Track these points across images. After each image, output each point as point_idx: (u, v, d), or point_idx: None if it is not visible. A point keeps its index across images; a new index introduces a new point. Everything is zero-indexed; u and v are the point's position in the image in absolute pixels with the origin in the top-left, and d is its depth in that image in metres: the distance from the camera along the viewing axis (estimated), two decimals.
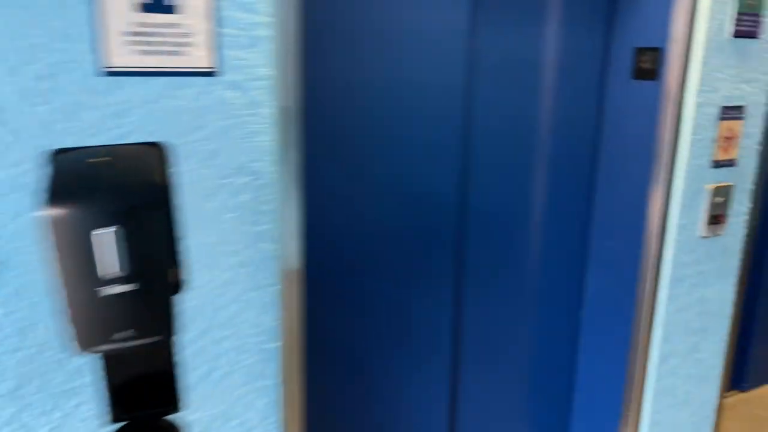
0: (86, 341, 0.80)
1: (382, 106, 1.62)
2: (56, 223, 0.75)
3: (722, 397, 2.73)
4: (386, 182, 1.69)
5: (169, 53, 1.10)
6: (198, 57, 1.13)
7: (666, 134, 1.83)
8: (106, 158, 0.86)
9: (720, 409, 2.28)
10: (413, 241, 1.77)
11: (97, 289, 0.78)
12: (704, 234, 1.96)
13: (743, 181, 2.02)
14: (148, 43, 1.08)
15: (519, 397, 2.18)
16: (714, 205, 1.95)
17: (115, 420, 0.97)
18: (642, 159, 1.91)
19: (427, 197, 1.76)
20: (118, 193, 0.78)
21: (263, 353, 1.32)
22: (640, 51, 1.87)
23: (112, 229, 0.77)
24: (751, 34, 1.86)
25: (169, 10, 1.09)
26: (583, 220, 2.11)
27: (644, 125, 1.89)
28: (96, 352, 0.80)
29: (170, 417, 1.07)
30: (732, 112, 1.90)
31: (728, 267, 2.09)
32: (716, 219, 1.97)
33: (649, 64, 1.86)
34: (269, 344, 1.33)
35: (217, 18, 1.13)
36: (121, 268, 0.79)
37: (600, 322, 2.13)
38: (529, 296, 2.09)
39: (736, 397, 2.79)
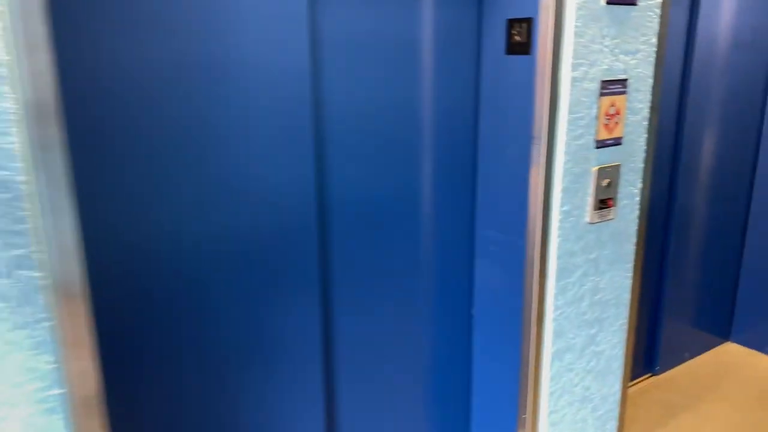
0: None
1: (195, 92, 1.38)
2: None
3: (630, 385, 2.64)
4: (217, 182, 1.46)
5: None
6: None
7: (542, 113, 1.66)
8: None
9: (624, 401, 2.16)
10: (260, 247, 1.55)
11: None
12: (592, 219, 1.82)
13: (632, 161, 1.88)
14: None
15: (413, 406, 2.00)
16: (600, 188, 1.81)
17: None
18: (520, 141, 1.74)
19: (270, 196, 1.54)
20: None
21: (43, 403, 1.08)
22: (512, 22, 1.70)
23: None
24: (629, 1, 1.71)
25: None
26: (466, 209, 1.93)
27: (520, 105, 1.72)
28: None
29: None
30: (613, 87, 1.75)
31: (622, 252, 1.96)
32: (604, 203, 1.83)
33: (521, 37, 1.68)
34: (50, 391, 1.09)
35: None
36: None
37: (491, 319, 1.97)
38: (413, 295, 1.91)
39: (648, 381, 2.71)
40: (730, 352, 2.96)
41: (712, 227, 2.78)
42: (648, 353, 2.74)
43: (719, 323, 2.99)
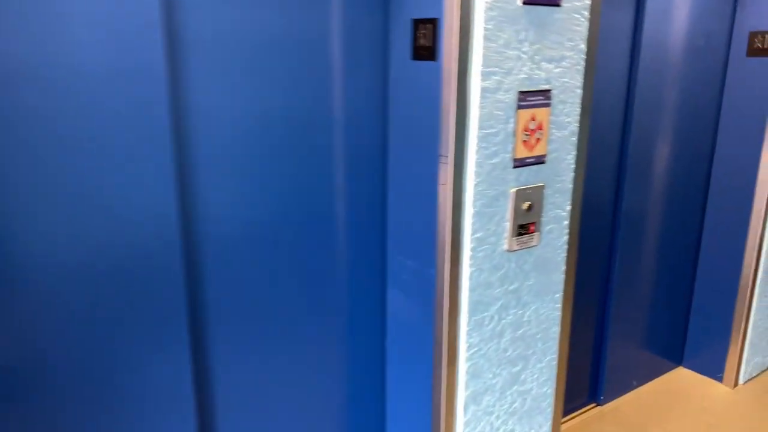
0: None
1: (14, 99, 1.15)
2: None
3: (571, 417, 2.45)
4: (53, 201, 1.23)
5: None
6: None
7: (449, 128, 1.45)
8: None
9: None
10: (110, 278, 1.33)
11: None
12: (511, 247, 1.61)
13: (559, 181, 1.68)
14: None
15: None
16: (520, 212, 1.61)
17: None
18: (427, 159, 1.53)
19: (121, 218, 1.31)
20: None
21: None
22: (418, 23, 1.49)
23: None
24: (551, 1, 1.51)
25: None
26: (375, 231, 1.72)
27: (426, 117, 1.51)
28: None
29: None
30: (534, 98, 1.55)
31: (549, 282, 1.76)
32: (525, 228, 1.63)
33: (426, 41, 1.47)
34: None
35: None
36: None
37: (403, 356, 1.76)
38: (316, 328, 1.69)
39: (592, 412, 2.52)
40: (682, 378, 2.78)
41: (663, 243, 2.61)
42: (592, 381, 2.56)
43: (670, 347, 2.82)
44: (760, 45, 2.49)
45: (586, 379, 2.54)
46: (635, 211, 2.43)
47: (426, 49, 1.47)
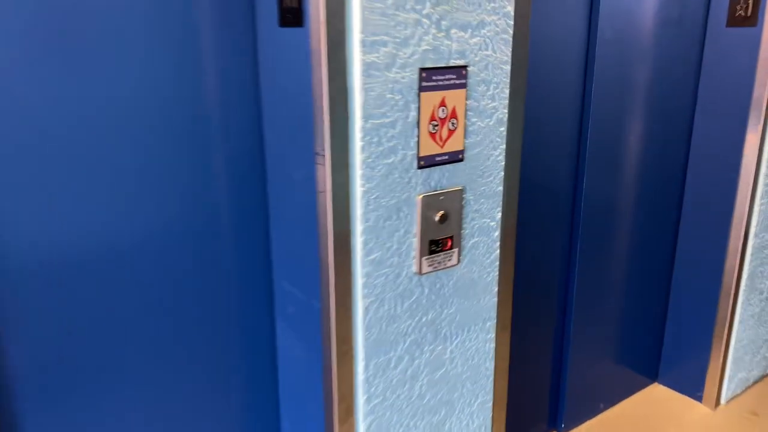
0: None
1: None
2: None
3: None
4: None
5: None
6: None
7: (323, 117, 1.09)
8: None
9: None
10: None
11: None
12: (421, 269, 1.26)
13: (483, 183, 1.33)
14: None
15: None
16: (431, 225, 1.25)
17: None
18: (303, 159, 1.17)
19: None
20: None
21: None
22: None
23: None
24: None
25: None
26: (257, 252, 1.36)
27: (297, 104, 1.15)
28: None
29: None
30: (442, 77, 1.19)
31: (478, 308, 1.41)
32: (439, 244, 1.27)
33: (292, 1, 1.10)
34: None
35: None
36: None
37: (295, 413, 1.41)
38: (188, 383, 1.34)
39: None
40: (656, 397, 2.45)
41: (633, 245, 2.26)
42: (552, 407, 2.22)
43: (643, 362, 2.48)
44: (742, 13, 2.12)
45: (545, 404, 2.20)
46: (598, 209, 2.08)
47: (292, 12, 1.10)
